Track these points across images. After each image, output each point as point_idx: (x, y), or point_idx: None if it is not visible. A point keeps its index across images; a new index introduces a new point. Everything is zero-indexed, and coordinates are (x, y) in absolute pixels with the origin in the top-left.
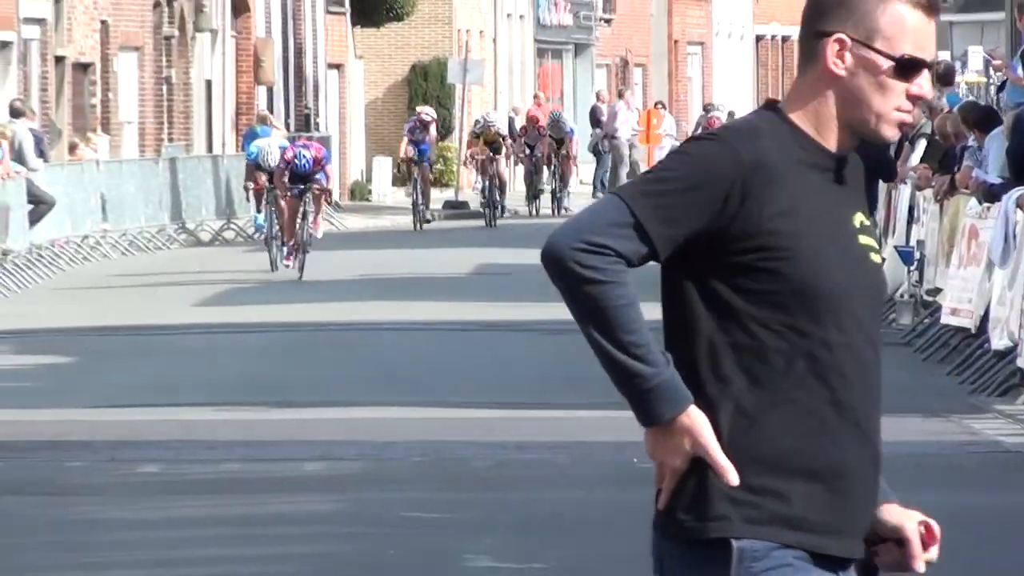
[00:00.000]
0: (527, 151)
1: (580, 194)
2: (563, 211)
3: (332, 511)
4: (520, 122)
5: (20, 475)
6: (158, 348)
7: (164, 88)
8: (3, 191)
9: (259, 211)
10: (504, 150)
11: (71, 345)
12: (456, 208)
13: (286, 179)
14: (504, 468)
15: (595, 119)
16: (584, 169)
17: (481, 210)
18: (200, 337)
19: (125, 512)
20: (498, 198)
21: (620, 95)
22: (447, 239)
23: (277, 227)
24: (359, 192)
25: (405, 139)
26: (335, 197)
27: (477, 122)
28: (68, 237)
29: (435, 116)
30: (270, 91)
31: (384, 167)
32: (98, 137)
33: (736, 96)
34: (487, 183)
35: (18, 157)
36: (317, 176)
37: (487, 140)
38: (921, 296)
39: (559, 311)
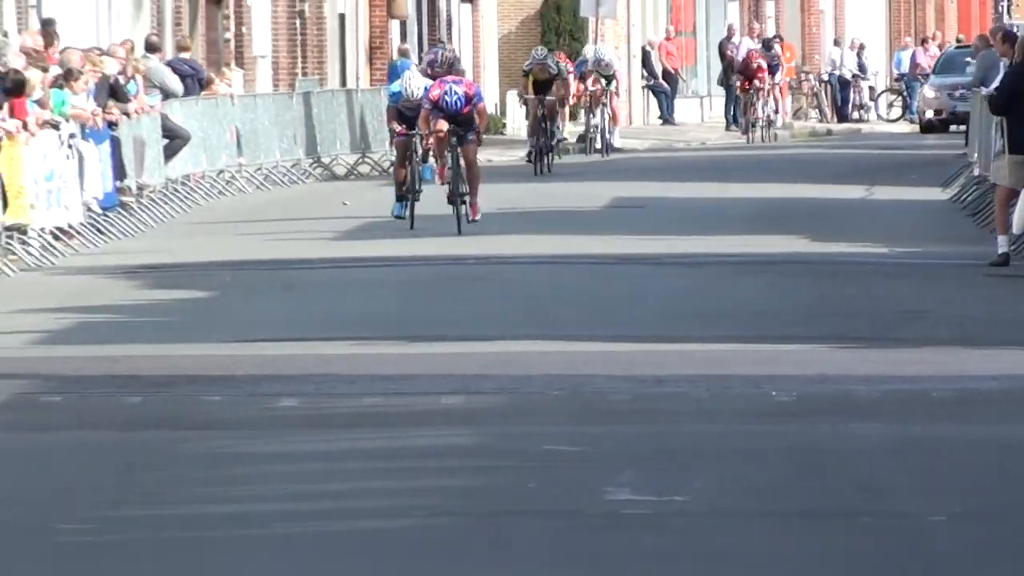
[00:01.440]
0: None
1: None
2: (610, 152)
3: (471, 445)
4: (656, 58)
5: (160, 410)
6: (296, 282)
7: (297, 22)
8: (138, 126)
9: (400, 163)
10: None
11: (208, 280)
12: (583, 141)
13: (433, 121)
14: (642, 401)
15: (722, 54)
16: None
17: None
18: (338, 271)
19: (264, 446)
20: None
21: (751, 30)
22: (583, 173)
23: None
24: (493, 126)
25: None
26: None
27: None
28: (203, 172)
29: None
30: (403, 25)
31: (517, 101)
32: (232, 72)
33: (867, 30)
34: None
35: (163, 91)
36: (469, 138)
37: (536, 78)
38: None
39: (695, 244)
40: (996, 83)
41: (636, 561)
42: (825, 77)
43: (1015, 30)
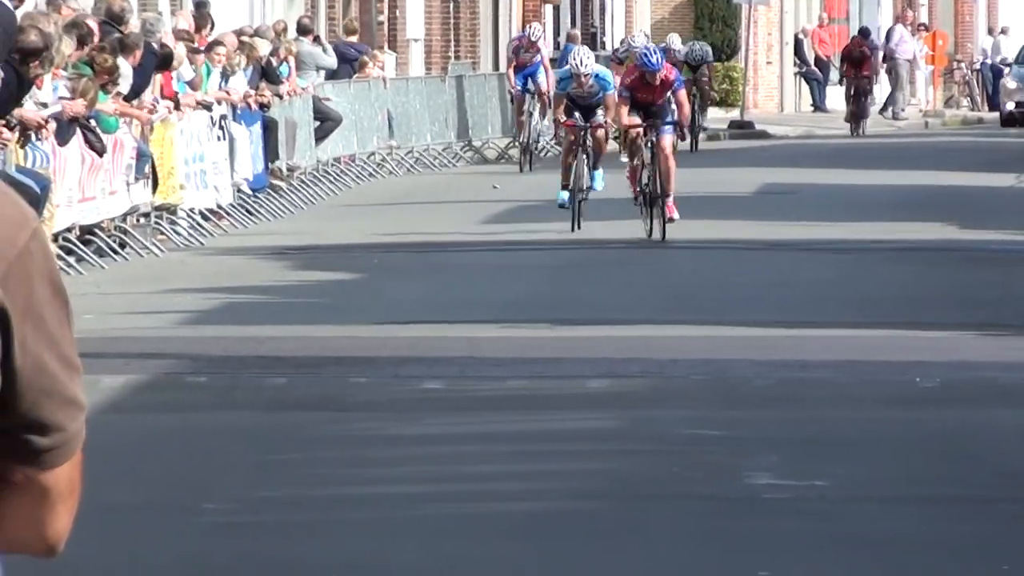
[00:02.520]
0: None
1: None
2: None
3: (615, 428)
4: (808, 45)
5: (306, 391)
6: (443, 265)
7: (451, 5)
8: (290, 108)
9: (567, 153)
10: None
11: (356, 262)
12: (741, 128)
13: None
14: (786, 387)
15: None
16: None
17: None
18: (485, 254)
19: (409, 428)
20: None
21: (901, 18)
22: (732, 159)
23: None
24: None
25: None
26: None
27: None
28: (354, 154)
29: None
30: (557, 9)
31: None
32: (385, 55)
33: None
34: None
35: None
36: (665, 130)
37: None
38: None
39: (844, 231)
40: None
41: (774, 544)
42: (977, 66)
43: None
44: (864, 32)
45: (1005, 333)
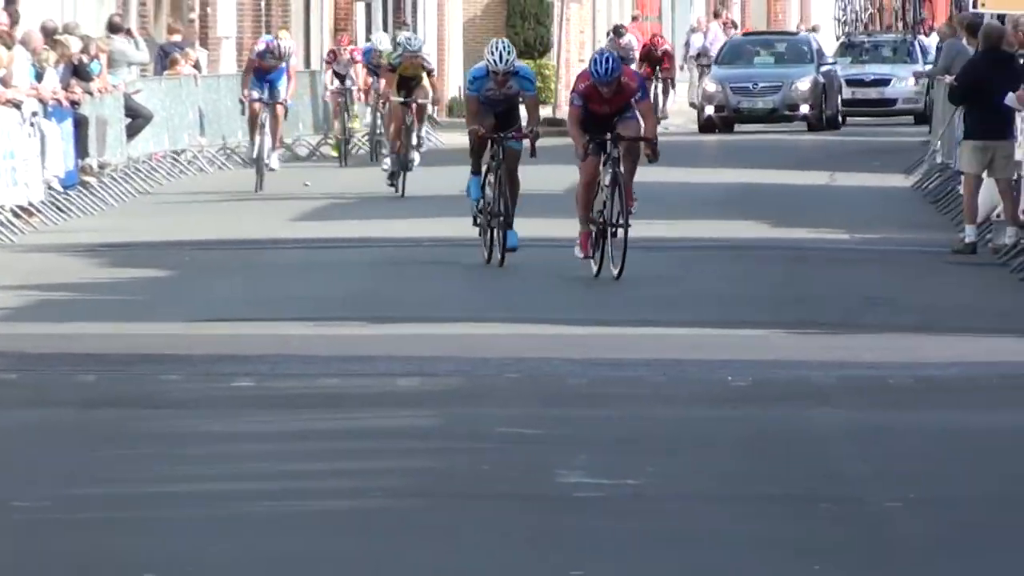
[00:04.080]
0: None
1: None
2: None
3: (427, 427)
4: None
5: (117, 388)
6: (256, 263)
7: (262, 2)
8: (101, 105)
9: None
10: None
11: (168, 259)
12: (554, 125)
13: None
14: (599, 385)
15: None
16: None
17: None
18: (297, 252)
19: (221, 426)
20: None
21: (716, 15)
22: (545, 157)
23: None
24: (457, 109)
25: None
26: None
27: (397, 46)
28: (165, 151)
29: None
30: (368, 7)
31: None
32: (194, 52)
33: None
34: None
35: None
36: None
37: (404, 74)
38: (1021, 218)
39: (659, 228)
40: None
41: (587, 543)
42: None
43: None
44: (617, 31)
45: (818, 331)
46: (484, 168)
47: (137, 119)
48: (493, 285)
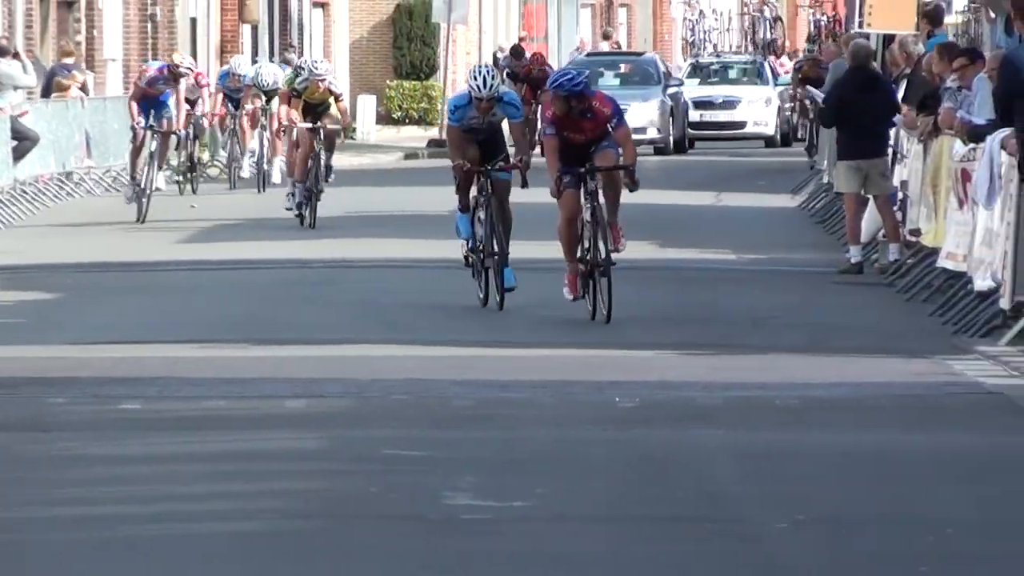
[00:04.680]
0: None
1: None
2: (267, 187)
3: (314, 448)
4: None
5: (5, 411)
6: (142, 285)
7: (149, 26)
8: None
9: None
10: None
11: (55, 281)
12: (440, 146)
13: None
14: (486, 407)
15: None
16: None
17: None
18: (184, 274)
19: (108, 448)
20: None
21: (605, 36)
22: (432, 178)
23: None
24: (344, 130)
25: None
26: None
27: (300, 70)
28: (52, 173)
29: (195, 70)
30: (255, 29)
31: (368, 106)
32: (83, 74)
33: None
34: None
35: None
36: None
37: (310, 100)
38: (904, 236)
39: (542, 249)
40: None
41: (474, 565)
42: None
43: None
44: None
45: (705, 352)
46: (472, 204)
47: (24, 141)
48: (378, 307)
